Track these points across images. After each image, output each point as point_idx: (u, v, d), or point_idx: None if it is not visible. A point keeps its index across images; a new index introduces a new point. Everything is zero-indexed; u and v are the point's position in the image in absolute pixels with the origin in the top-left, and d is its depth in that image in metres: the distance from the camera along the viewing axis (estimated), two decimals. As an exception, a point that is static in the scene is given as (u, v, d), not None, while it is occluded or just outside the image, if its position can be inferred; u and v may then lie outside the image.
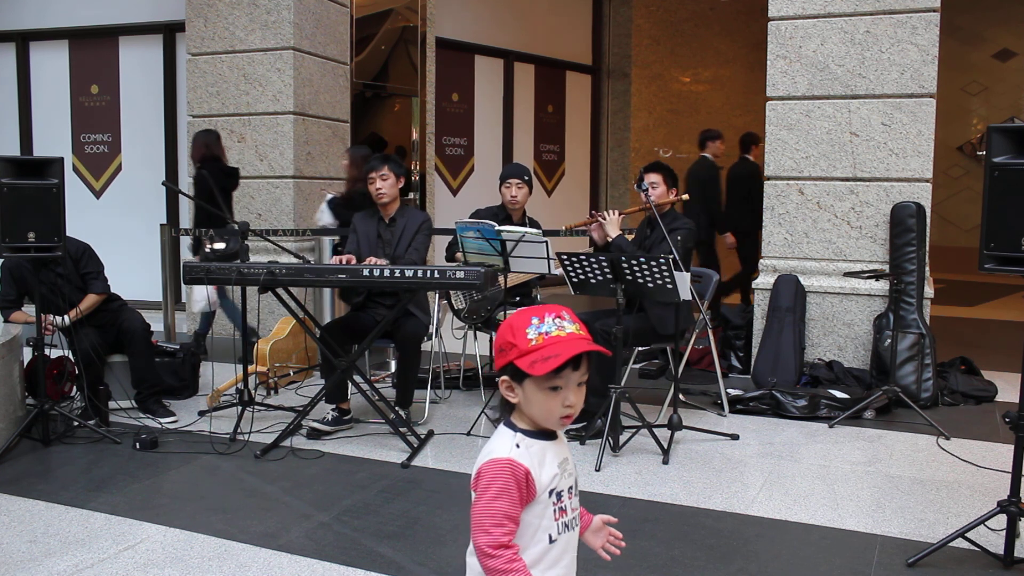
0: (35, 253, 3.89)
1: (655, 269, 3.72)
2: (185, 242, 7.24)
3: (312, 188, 6.95)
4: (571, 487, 1.48)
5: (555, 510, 1.43)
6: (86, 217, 6.48)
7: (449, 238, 4.90)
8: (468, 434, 4.20)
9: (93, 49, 8.19)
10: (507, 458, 1.39)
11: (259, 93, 6.73)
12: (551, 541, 1.44)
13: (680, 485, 3.50)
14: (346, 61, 7.36)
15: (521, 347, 1.37)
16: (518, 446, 1.41)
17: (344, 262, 4.16)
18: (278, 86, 6.67)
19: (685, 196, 4.37)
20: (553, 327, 1.38)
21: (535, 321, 1.39)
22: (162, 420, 4.37)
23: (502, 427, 1.47)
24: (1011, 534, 2.71)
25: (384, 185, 4.39)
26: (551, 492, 1.43)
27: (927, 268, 5.05)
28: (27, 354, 4.36)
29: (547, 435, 1.45)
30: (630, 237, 4.56)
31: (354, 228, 4.54)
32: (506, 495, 1.36)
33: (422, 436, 4.03)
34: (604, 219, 4.28)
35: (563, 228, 4.94)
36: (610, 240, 4.24)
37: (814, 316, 5.23)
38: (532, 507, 1.41)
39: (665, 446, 3.84)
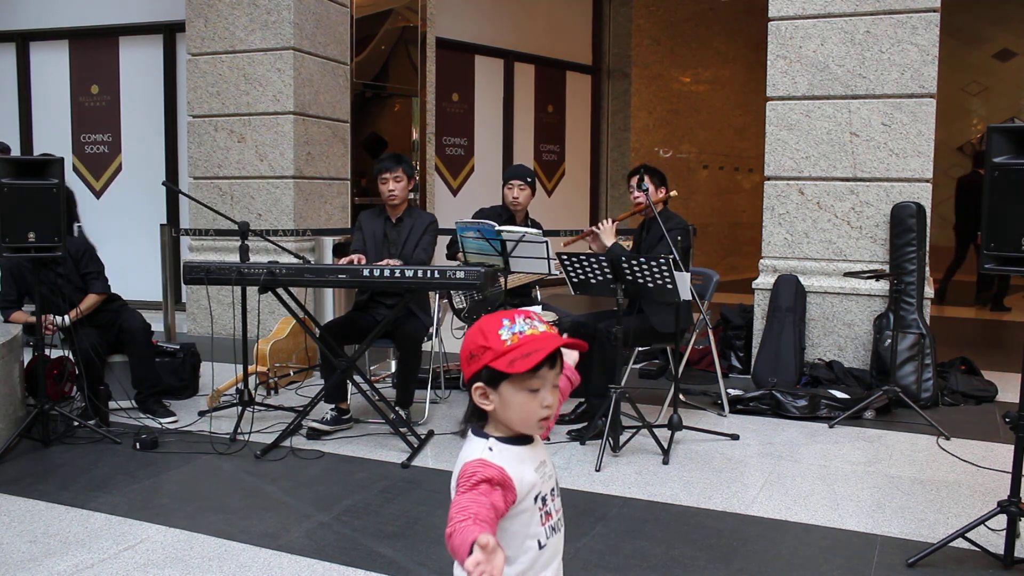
0: (35, 253, 3.89)
1: (655, 269, 3.73)
2: (185, 242, 7.26)
3: (312, 188, 6.95)
4: (553, 489, 1.46)
5: (541, 515, 1.41)
6: (86, 217, 6.45)
7: (448, 239, 4.89)
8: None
9: (93, 49, 8.19)
10: (478, 459, 1.36)
11: (259, 93, 6.73)
12: (540, 547, 1.41)
13: (680, 485, 3.50)
14: (346, 61, 7.36)
15: (497, 349, 1.34)
16: (491, 449, 1.39)
17: (356, 261, 4.16)
18: (278, 86, 6.67)
19: (674, 192, 4.38)
20: (526, 327, 1.36)
21: (507, 323, 1.36)
22: (162, 420, 4.36)
23: (471, 436, 1.43)
24: (1011, 534, 2.71)
25: (397, 187, 4.37)
26: (536, 497, 1.40)
27: (927, 268, 5.05)
28: (27, 354, 4.36)
29: (522, 440, 1.42)
30: (627, 243, 4.57)
31: (360, 226, 4.53)
32: (473, 491, 1.32)
33: (422, 436, 4.03)
34: (598, 230, 4.31)
35: (562, 245, 4.90)
36: (607, 249, 4.25)
37: (814, 316, 5.23)
38: (518, 516, 1.38)
39: (665, 446, 3.84)
